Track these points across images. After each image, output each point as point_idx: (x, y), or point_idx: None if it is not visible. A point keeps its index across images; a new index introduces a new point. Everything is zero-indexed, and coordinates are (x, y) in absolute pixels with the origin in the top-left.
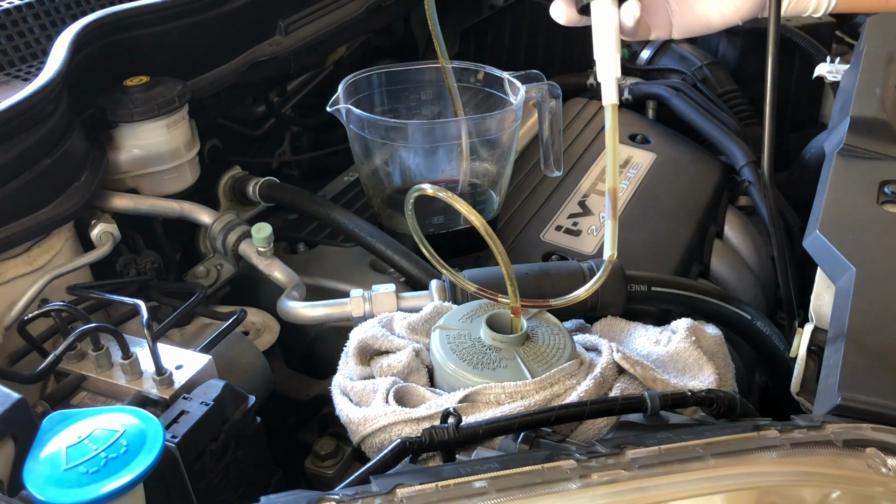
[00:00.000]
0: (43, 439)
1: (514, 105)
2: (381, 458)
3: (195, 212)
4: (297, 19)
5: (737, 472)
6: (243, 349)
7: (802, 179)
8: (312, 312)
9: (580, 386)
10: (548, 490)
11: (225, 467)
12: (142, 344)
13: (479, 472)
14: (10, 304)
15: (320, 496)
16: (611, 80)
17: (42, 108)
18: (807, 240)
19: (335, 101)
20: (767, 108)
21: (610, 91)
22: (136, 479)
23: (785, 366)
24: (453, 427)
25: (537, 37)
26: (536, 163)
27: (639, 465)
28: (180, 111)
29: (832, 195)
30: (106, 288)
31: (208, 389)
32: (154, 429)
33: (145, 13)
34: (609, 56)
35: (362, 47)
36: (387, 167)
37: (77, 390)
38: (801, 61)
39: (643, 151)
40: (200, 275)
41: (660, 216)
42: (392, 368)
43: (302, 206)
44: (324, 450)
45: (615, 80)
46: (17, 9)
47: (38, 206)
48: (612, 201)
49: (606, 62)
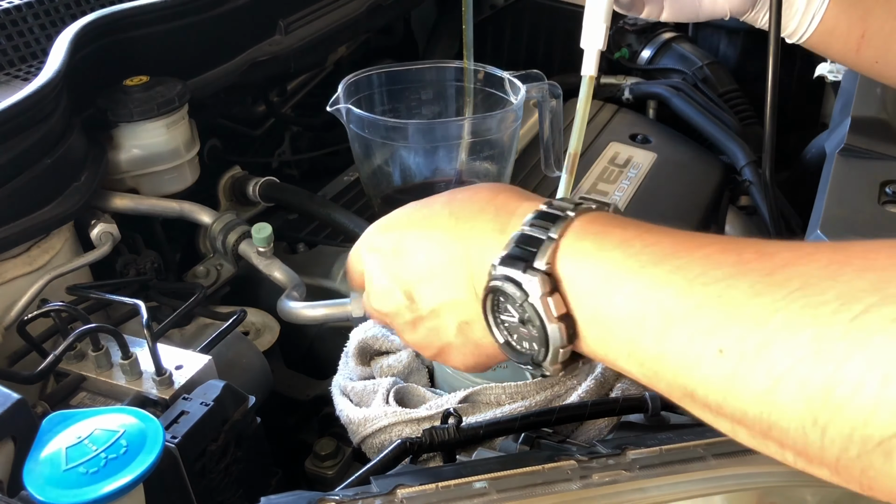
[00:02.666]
0: (43, 440)
1: (514, 105)
2: (381, 458)
3: (195, 212)
4: (297, 19)
5: (738, 472)
6: (243, 349)
7: (803, 179)
8: (312, 312)
9: (581, 386)
10: (548, 490)
11: (225, 468)
12: (142, 344)
13: (480, 472)
14: (10, 304)
15: (320, 497)
16: (594, 50)
17: (42, 108)
18: (808, 240)
19: (335, 101)
20: (768, 107)
21: (591, 62)
22: (136, 480)
23: None
24: (454, 427)
25: (538, 36)
26: (536, 163)
27: (640, 466)
28: (180, 111)
29: (833, 195)
30: (106, 288)
31: (208, 390)
32: (154, 429)
33: (145, 13)
34: (598, 26)
35: (362, 47)
36: (387, 167)
37: (77, 391)
38: (802, 61)
39: (643, 151)
40: (200, 275)
41: (660, 216)
42: (392, 369)
43: (302, 206)
44: (324, 450)
45: (598, 51)
46: (17, 8)
47: (37, 206)
48: (571, 163)
49: (594, 32)
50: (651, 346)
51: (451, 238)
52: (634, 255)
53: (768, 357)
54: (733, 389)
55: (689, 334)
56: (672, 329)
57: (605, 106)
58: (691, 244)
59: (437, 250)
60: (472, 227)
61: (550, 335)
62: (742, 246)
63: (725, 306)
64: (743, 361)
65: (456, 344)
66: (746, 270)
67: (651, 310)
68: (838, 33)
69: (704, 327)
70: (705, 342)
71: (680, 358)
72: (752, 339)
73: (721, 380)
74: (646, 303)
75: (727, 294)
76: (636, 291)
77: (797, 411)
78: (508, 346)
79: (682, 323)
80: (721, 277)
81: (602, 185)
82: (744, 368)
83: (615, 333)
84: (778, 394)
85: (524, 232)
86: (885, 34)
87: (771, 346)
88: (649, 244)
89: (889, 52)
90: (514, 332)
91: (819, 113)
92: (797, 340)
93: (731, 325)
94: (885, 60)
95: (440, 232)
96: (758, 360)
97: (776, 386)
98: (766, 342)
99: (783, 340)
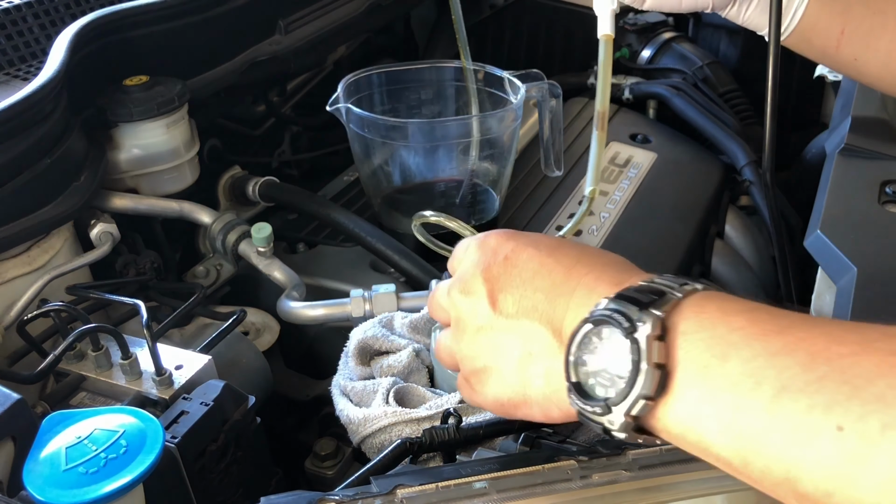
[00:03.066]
0: (42, 440)
1: (514, 104)
2: (381, 458)
3: (195, 212)
4: (296, 18)
5: None
6: (243, 349)
7: (803, 179)
8: (312, 312)
9: None
10: (548, 490)
11: (225, 468)
12: (141, 344)
13: (480, 472)
14: (10, 304)
15: (320, 497)
16: (606, 10)
17: (41, 108)
18: (808, 240)
19: (335, 101)
20: (768, 107)
21: (605, 22)
22: (136, 480)
23: None
24: (454, 427)
25: (538, 36)
26: (536, 163)
27: (640, 466)
28: (180, 111)
29: (833, 195)
30: (105, 288)
31: (208, 390)
32: (154, 429)
33: (145, 13)
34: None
35: (362, 47)
36: (387, 167)
37: (77, 391)
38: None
39: (644, 151)
40: (200, 275)
41: (660, 216)
42: (392, 369)
43: (302, 206)
44: (324, 450)
45: (611, 11)
46: (17, 8)
47: (37, 206)
48: (601, 120)
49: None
50: (758, 417)
51: (565, 270)
52: (759, 322)
53: (893, 439)
54: (849, 474)
55: (809, 406)
56: (788, 399)
57: None
58: (813, 320)
59: (544, 273)
60: (590, 272)
61: (639, 380)
62: (864, 326)
63: (849, 383)
64: (863, 440)
65: (505, 371)
66: (871, 350)
67: (769, 376)
68: (819, 29)
69: (825, 402)
70: (824, 417)
71: (791, 433)
72: (875, 419)
73: (835, 461)
74: (764, 369)
75: (851, 371)
76: (755, 356)
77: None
78: (577, 388)
79: (801, 394)
80: (845, 354)
81: (602, 185)
82: (864, 449)
83: (718, 398)
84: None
85: (645, 283)
86: (864, 31)
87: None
88: (775, 316)
89: (868, 50)
90: (590, 377)
91: (819, 113)
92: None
93: (853, 402)
94: (865, 59)
95: (558, 262)
96: (882, 440)
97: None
98: (892, 423)
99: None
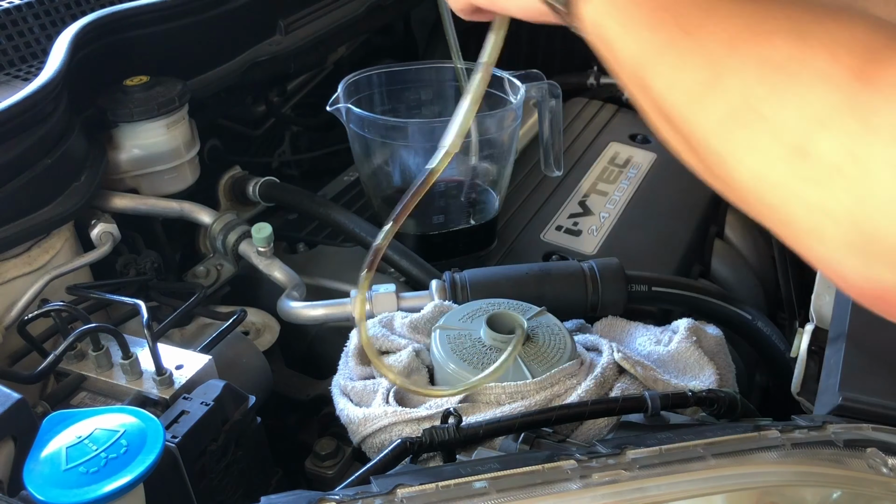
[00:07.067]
0: (43, 439)
1: (513, 104)
2: (381, 458)
3: (195, 212)
4: (296, 19)
5: (738, 472)
6: (243, 349)
7: None
8: (312, 312)
9: (581, 386)
10: (548, 490)
11: (225, 467)
12: (142, 344)
13: (480, 472)
14: (10, 304)
15: (321, 496)
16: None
17: (42, 108)
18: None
19: (335, 101)
20: None
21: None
22: (136, 480)
23: (785, 366)
24: (454, 427)
25: (537, 36)
26: (536, 163)
27: (639, 466)
28: (180, 111)
29: None
30: (106, 288)
31: (208, 389)
32: (154, 429)
33: (145, 13)
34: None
35: (362, 47)
36: (387, 167)
37: (77, 390)
38: None
39: (643, 151)
40: (200, 275)
41: (660, 216)
42: (392, 368)
43: (302, 206)
44: (324, 450)
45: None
46: (17, 8)
47: (37, 206)
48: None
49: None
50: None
51: None
52: None
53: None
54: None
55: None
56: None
57: (604, 106)
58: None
59: None
60: None
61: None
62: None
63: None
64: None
65: None
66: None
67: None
68: None
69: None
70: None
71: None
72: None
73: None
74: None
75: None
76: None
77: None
78: None
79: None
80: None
81: (602, 185)
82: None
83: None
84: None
85: None
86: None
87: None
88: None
89: None
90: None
91: None
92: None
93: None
94: None
95: None
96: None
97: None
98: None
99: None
